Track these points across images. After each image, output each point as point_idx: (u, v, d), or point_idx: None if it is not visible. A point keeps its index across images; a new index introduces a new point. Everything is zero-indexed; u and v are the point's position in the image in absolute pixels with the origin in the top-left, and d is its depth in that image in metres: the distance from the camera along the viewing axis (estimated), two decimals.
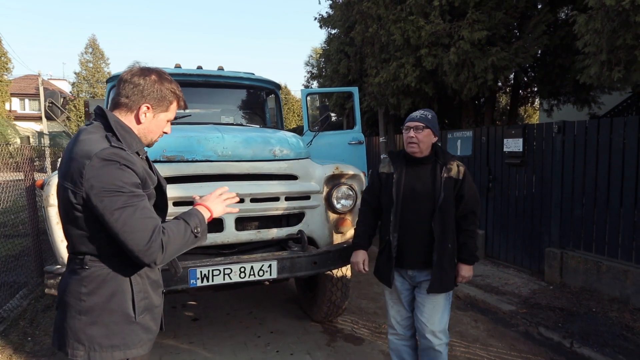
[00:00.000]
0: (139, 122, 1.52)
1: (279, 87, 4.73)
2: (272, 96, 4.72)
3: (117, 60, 62.71)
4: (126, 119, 1.51)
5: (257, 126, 4.22)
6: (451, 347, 3.45)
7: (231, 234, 2.93)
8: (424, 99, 7.28)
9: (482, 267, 5.51)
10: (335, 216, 3.28)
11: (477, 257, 2.52)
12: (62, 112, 4.00)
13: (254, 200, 2.94)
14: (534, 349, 3.50)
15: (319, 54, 16.37)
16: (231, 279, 2.78)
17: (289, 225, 3.17)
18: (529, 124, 5.94)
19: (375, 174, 2.63)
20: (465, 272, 2.48)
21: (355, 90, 4.87)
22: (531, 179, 5.24)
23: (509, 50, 5.69)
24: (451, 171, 2.39)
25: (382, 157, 8.93)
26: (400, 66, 6.77)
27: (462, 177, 2.41)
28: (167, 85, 1.54)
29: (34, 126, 28.38)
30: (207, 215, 1.56)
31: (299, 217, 3.18)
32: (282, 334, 3.71)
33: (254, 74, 4.51)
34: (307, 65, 22.88)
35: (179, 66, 4.38)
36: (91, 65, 31.35)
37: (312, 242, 3.16)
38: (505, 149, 5.50)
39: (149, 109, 1.52)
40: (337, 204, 3.24)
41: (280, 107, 4.76)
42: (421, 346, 2.51)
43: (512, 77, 7.28)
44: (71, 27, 65.38)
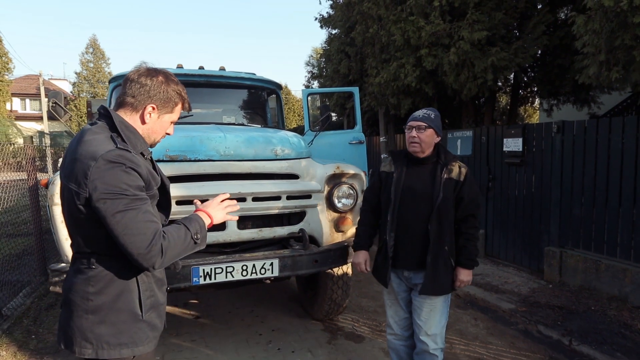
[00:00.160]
0: (143, 122, 1.53)
1: (280, 87, 4.75)
2: (273, 96, 4.74)
3: (117, 60, 63.02)
4: (130, 118, 1.51)
5: (259, 126, 4.25)
6: (451, 344, 3.49)
7: (233, 233, 2.96)
8: (424, 99, 7.31)
9: (482, 266, 5.53)
10: (336, 215, 3.30)
11: (477, 262, 2.42)
12: (66, 113, 4.03)
13: (255, 199, 2.96)
14: (533, 347, 3.53)
15: (319, 54, 16.41)
16: (233, 276, 2.81)
17: (291, 224, 3.19)
18: (528, 123, 5.97)
19: (376, 173, 2.61)
20: (463, 276, 2.39)
21: (355, 90, 4.88)
22: (531, 178, 5.27)
23: (508, 50, 5.71)
24: (452, 172, 2.34)
25: (382, 156, 8.96)
26: (400, 66, 6.80)
27: (463, 179, 2.35)
28: (174, 86, 1.55)
29: (35, 126, 28.42)
30: (207, 221, 1.57)
31: (300, 216, 3.20)
32: (284, 332, 3.74)
33: (255, 74, 4.52)
34: (308, 65, 22.99)
35: (181, 66, 4.41)
36: (92, 65, 31.47)
37: (313, 240, 3.18)
38: (505, 149, 5.53)
39: (154, 109, 1.52)
40: (337, 203, 3.26)
41: (281, 107, 4.78)
42: (417, 349, 2.49)
43: (512, 77, 7.32)
44: (72, 27, 65.54)
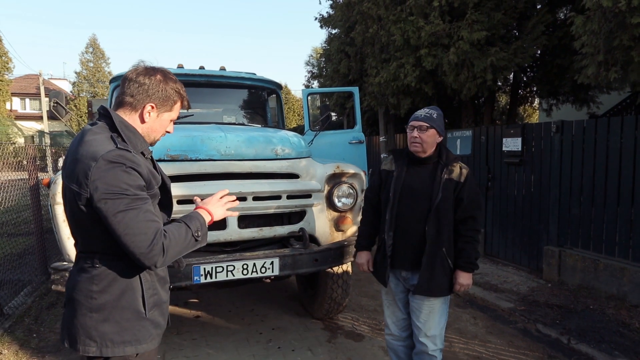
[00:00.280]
0: (143, 121, 1.53)
1: (280, 87, 4.76)
2: (274, 96, 4.75)
3: (117, 60, 62.98)
4: (130, 118, 1.51)
5: (259, 126, 4.27)
6: (450, 343, 3.50)
7: (234, 232, 2.98)
8: (423, 99, 7.33)
9: (481, 265, 5.54)
10: (336, 214, 3.32)
11: (477, 265, 2.35)
12: (67, 112, 4.05)
13: (256, 198, 2.98)
14: (532, 346, 3.54)
15: (319, 54, 16.44)
16: (234, 275, 2.82)
17: (291, 223, 3.21)
18: (527, 123, 5.98)
19: (377, 172, 2.60)
20: (463, 280, 2.32)
21: (355, 90, 4.89)
22: (530, 178, 5.28)
23: (508, 50, 5.73)
24: (452, 173, 2.31)
25: (382, 156, 8.98)
26: (400, 66, 6.82)
27: (463, 180, 2.31)
28: (172, 85, 1.55)
29: (35, 125, 28.42)
30: (207, 218, 1.58)
31: (300, 215, 3.22)
32: (284, 331, 3.76)
33: (255, 74, 4.54)
34: (308, 65, 23.05)
35: (181, 66, 4.42)
36: (92, 64, 31.50)
37: (313, 239, 3.20)
38: (504, 149, 5.54)
39: (153, 108, 1.52)
40: (337, 202, 3.28)
41: (281, 107, 4.80)
42: (416, 349, 2.48)
43: (512, 77, 7.35)
44: (72, 27, 65.51)
